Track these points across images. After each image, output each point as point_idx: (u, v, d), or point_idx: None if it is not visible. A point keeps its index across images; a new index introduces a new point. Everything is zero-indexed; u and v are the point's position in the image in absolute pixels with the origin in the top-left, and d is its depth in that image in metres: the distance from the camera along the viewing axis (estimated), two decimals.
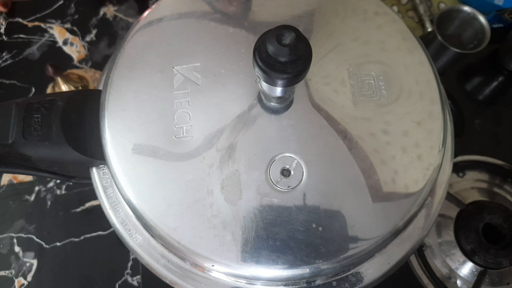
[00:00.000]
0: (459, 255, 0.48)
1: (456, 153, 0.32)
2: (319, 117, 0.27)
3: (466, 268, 0.48)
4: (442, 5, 0.64)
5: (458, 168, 0.54)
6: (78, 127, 0.28)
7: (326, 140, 0.27)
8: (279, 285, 0.26)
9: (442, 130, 0.28)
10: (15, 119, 0.27)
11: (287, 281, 0.26)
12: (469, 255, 0.47)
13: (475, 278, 0.46)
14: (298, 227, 0.25)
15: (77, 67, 0.60)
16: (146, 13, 0.31)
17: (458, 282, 0.48)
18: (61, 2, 0.64)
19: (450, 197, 0.48)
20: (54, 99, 0.28)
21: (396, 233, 0.26)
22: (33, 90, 0.59)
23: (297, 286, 0.27)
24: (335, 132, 0.27)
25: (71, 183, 0.54)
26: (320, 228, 0.25)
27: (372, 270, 0.28)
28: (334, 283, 0.27)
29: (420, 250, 0.49)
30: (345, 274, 0.27)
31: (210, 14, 0.30)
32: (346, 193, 0.26)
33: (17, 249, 0.52)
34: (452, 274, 0.48)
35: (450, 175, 0.30)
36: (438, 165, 0.27)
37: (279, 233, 0.25)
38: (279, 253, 0.25)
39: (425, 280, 0.49)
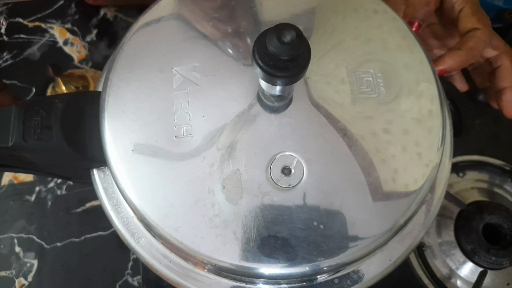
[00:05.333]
0: (459, 255, 0.48)
1: (456, 153, 0.32)
2: (319, 115, 0.27)
3: (466, 268, 0.48)
4: None
5: (458, 168, 0.54)
6: (78, 129, 0.28)
7: (326, 138, 0.27)
8: (281, 283, 0.27)
9: (441, 128, 0.28)
10: (15, 122, 0.27)
11: (289, 279, 0.26)
12: (469, 255, 0.47)
13: (476, 278, 0.46)
14: (299, 225, 0.25)
15: (77, 67, 0.61)
16: (144, 13, 0.31)
17: (458, 283, 0.48)
18: (61, 2, 0.64)
19: (450, 197, 0.48)
20: (53, 101, 0.28)
21: (396, 230, 0.26)
22: (34, 90, 0.59)
23: (299, 284, 0.27)
24: (335, 129, 0.27)
25: (71, 183, 0.54)
26: (321, 226, 0.25)
27: (373, 267, 0.28)
28: (336, 281, 0.27)
29: (420, 250, 0.49)
30: (347, 271, 0.27)
31: (209, 13, 0.30)
32: (347, 190, 0.26)
33: (17, 249, 0.52)
34: (452, 274, 0.49)
35: (449, 173, 0.31)
36: (437, 163, 0.27)
37: (281, 231, 0.25)
38: (280, 251, 0.25)
39: (425, 280, 0.49)
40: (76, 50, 0.62)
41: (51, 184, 0.54)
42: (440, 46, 0.41)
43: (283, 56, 0.21)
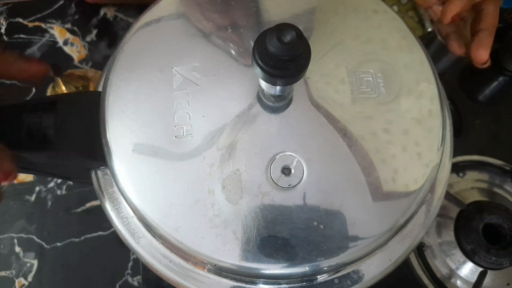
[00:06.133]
0: (459, 255, 0.48)
1: (456, 153, 0.32)
2: (319, 115, 0.27)
3: (466, 268, 0.48)
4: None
5: (458, 168, 0.54)
6: (78, 129, 0.28)
7: (326, 138, 0.27)
8: (281, 283, 0.27)
9: (441, 128, 0.28)
10: (15, 122, 0.27)
11: (289, 279, 0.26)
12: (469, 255, 0.47)
13: (476, 278, 0.46)
14: (299, 225, 0.25)
15: (77, 67, 0.60)
16: (144, 13, 0.31)
17: (458, 283, 0.48)
18: (61, 2, 0.64)
19: (450, 197, 0.48)
20: (54, 101, 0.28)
21: (396, 230, 0.26)
22: (34, 90, 0.59)
23: (299, 284, 0.27)
24: (335, 129, 0.27)
25: (71, 183, 0.54)
26: (321, 226, 0.25)
27: (373, 267, 0.28)
28: (336, 281, 0.27)
29: (420, 250, 0.49)
30: (347, 271, 0.27)
31: (208, 13, 0.30)
32: (347, 190, 0.26)
33: (17, 249, 0.52)
34: (452, 274, 0.48)
35: (449, 173, 0.31)
36: (437, 163, 0.27)
37: (281, 231, 0.25)
38: (280, 251, 0.25)
39: (425, 280, 0.49)
40: (76, 50, 0.62)
41: (51, 184, 0.54)
42: (439, 1, 0.41)
43: (283, 56, 0.21)
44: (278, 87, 0.24)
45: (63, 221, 0.53)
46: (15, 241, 0.52)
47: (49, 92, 0.58)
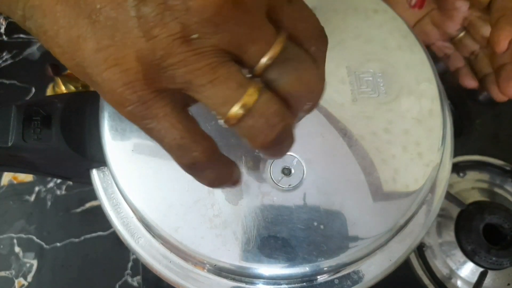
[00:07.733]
0: (459, 255, 0.48)
1: (457, 153, 0.32)
2: (319, 114, 0.27)
3: (467, 269, 0.48)
4: None
5: (459, 169, 0.54)
6: (78, 129, 0.28)
7: (326, 138, 0.27)
8: (281, 284, 0.27)
9: (441, 128, 0.28)
10: (15, 122, 0.26)
11: (289, 279, 0.26)
12: (470, 256, 0.47)
13: (476, 278, 0.46)
14: (300, 225, 0.25)
15: None
16: None
17: (459, 283, 0.48)
18: None
19: (451, 197, 0.48)
20: (53, 101, 0.28)
21: (397, 230, 0.26)
22: (33, 90, 0.59)
23: (299, 285, 0.27)
24: (335, 129, 0.27)
25: (71, 183, 0.54)
26: (322, 226, 0.25)
27: (373, 267, 0.28)
28: (336, 281, 0.27)
29: (420, 251, 0.49)
30: (347, 272, 0.27)
31: None
32: (347, 190, 0.26)
33: (17, 249, 0.51)
34: (453, 275, 0.48)
35: (450, 173, 0.31)
36: (438, 163, 0.27)
37: (281, 231, 0.25)
38: (280, 251, 0.25)
39: (425, 280, 0.49)
40: None
41: (51, 184, 0.54)
42: (441, 36, 0.40)
43: None
44: None
45: (63, 221, 0.53)
46: (15, 241, 0.52)
47: (49, 92, 0.58)
